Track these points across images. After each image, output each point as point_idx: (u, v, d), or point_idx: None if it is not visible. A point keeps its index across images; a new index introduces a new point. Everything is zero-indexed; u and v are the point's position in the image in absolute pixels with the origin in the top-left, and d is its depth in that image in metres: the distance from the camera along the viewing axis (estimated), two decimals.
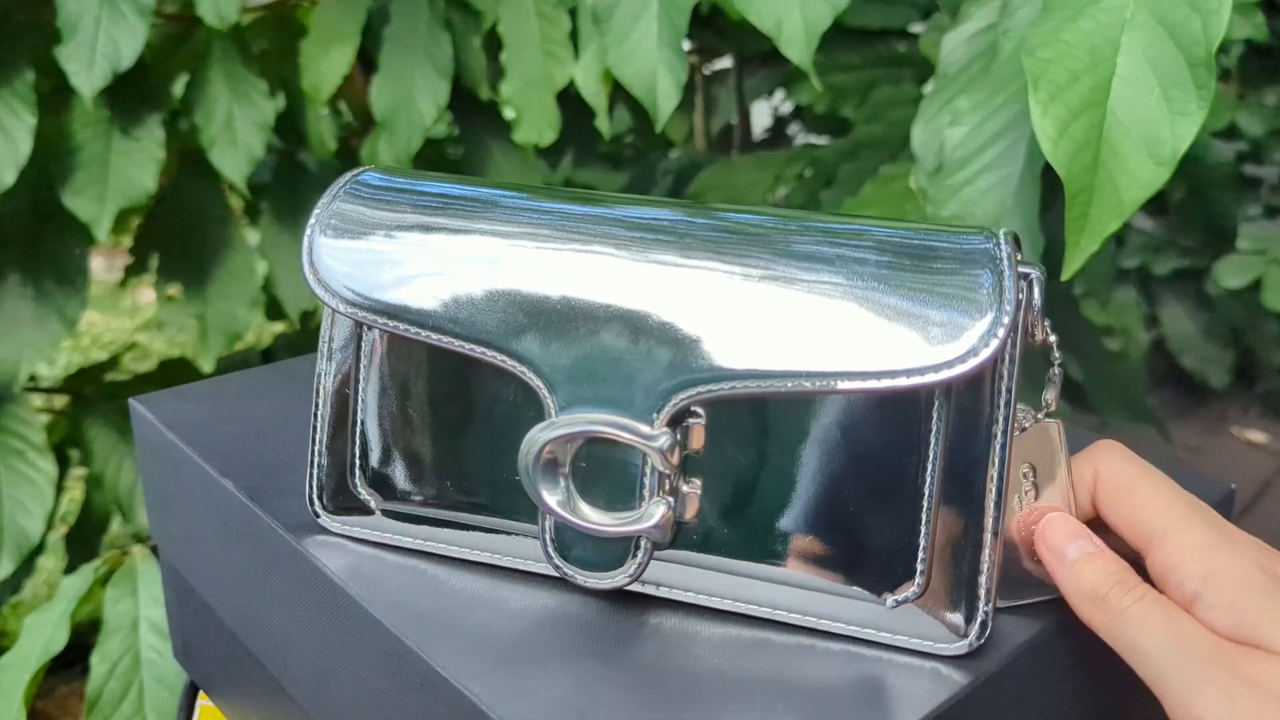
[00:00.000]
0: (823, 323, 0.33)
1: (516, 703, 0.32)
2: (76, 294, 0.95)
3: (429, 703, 0.34)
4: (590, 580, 0.35)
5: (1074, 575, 0.34)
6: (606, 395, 0.34)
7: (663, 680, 0.33)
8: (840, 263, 0.34)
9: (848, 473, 0.34)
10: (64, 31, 0.79)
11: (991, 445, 0.33)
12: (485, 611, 0.36)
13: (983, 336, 0.31)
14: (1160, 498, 0.34)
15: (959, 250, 0.33)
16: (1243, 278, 1.26)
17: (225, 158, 0.91)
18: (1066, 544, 0.35)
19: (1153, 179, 0.38)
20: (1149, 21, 0.38)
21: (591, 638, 0.35)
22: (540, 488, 0.35)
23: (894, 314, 0.32)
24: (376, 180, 0.40)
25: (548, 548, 0.36)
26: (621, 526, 0.34)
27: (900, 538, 0.33)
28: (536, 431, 0.34)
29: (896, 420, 0.33)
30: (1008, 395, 0.33)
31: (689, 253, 0.35)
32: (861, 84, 1.05)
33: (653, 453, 0.34)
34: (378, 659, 0.36)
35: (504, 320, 0.35)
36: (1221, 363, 1.38)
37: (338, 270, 0.37)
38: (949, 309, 0.32)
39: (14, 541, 0.88)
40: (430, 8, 0.86)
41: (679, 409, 0.34)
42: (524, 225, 0.37)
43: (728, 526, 0.35)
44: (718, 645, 0.34)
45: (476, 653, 0.34)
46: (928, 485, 0.33)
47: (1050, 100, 0.39)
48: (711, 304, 0.34)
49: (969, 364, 0.31)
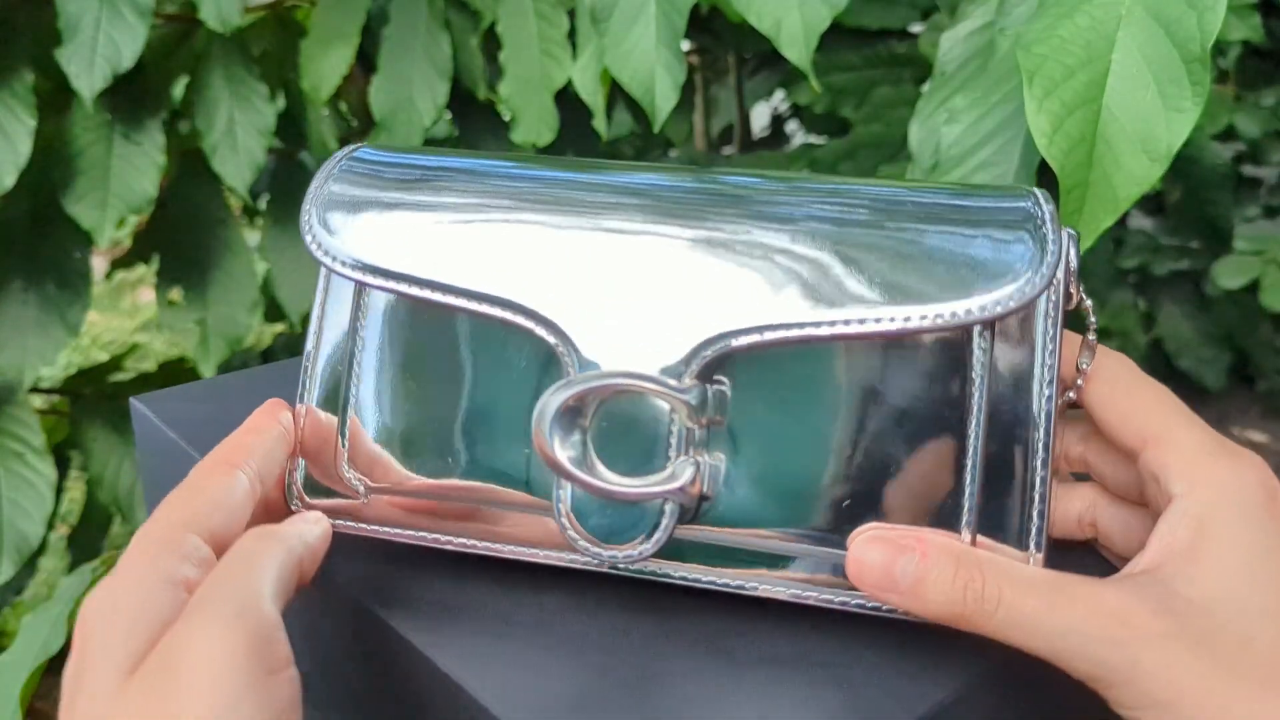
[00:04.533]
0: (857, 269, 0.32)
1: (516, 700, 0.32)
2: (78, 298, 0.95)
3: (427, 700, 0.34)
4: (609, 553, 0.33)
5: (919, 602, 0.31)
6: (630, 351, 0.33)
7: (664, 678, 0.33)
8: (882, 215, 0.33)
9: (885, 433, 0.33)
10: (64, 33, 0.80)
11: (1038, 402, 0.32)
12: (483, 606, 0.36)
13: (1028, 279, 0.31)
14: (1160, 404, 0.33)
15: (1000, 207, 0.33)
16: (1240, 278, 1.26)
17: (227, 164, 0.91)
18: (890, 572, 0.31)
19: (1147, 175, 0.38)
20: (1144, 17, 0.38)
21: (594, 632, 0.35)
22: (555, 449, 0.32)
23: (933, 260, 0.31)
24: (372, 156, 0.39)
25: (563, 519, 0.33)
26: (646, 488, 0.32)
27: (945, 496, 0.32)
28: (552, 391, 0.32)
29: (937, 373, 0.32)
30: (1052, 347, 0.32)
31: (710, 208, 0.34)
32: (861, 84, 1.05)
33: (682, 406, 0.32)
34: (376, 657, 0.37)
35: (519, 277, 0.34)
36: (1218, 363, 1.38)
37: (339, 236, 0.36)
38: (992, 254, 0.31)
39: (14, 545, 0.88)
40: (429, 8, 0.86)
41: (707, 363, 0.32)
42: (535, 186, 0.36)
43: (754, 501, 0.33)
44: (721, 642, 0.34)
45: (475, 649, 0.34)
46: (972, 441, 0.32)
47: (1045, 96, 0.39)
48: (736, 256, 0.33)
49: (1015, 301, 0.30)
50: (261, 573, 0.31)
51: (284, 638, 0.30)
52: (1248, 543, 0.30)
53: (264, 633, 0.29)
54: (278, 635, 0.30)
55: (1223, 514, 0.31)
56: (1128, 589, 0.30)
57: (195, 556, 0.32)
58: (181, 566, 0.31)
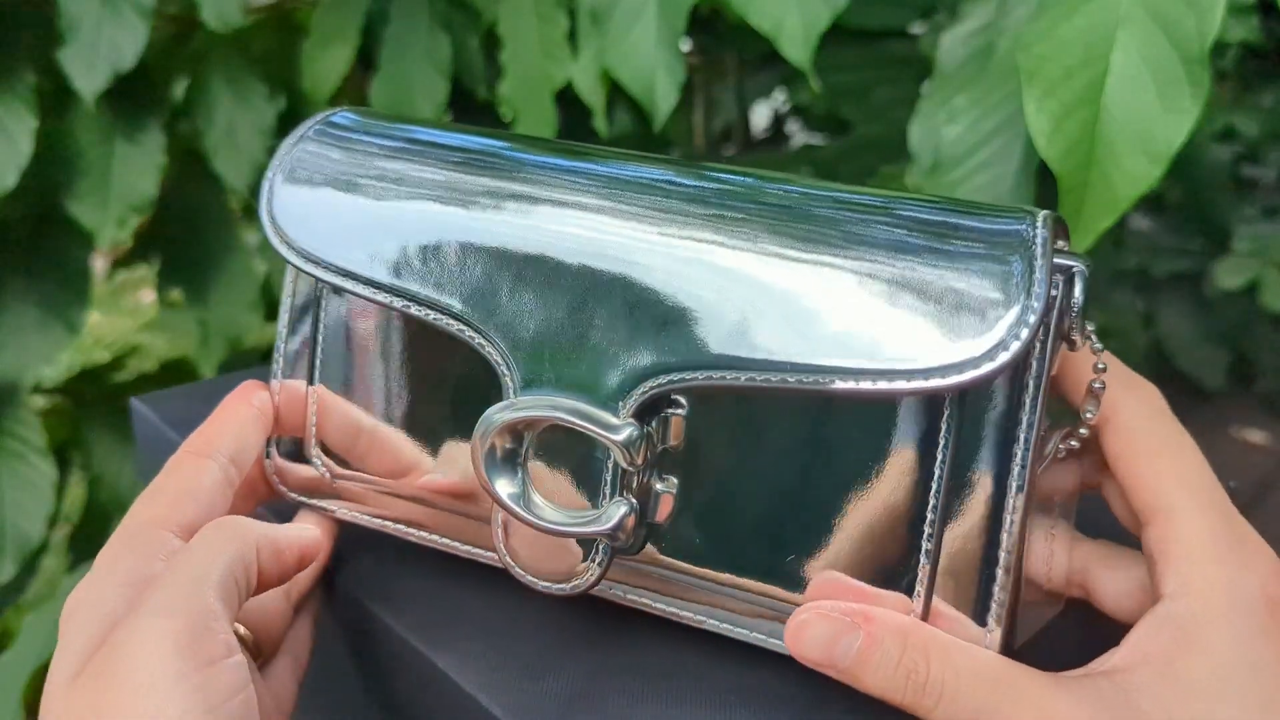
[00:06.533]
0: (819, 309, 0.29)
1: (515, 700, 0.32)
2: (79, 298, 0.95)
3: (426, 697, 0.34)
4: (540, 584, 0.32)
5: (858, 682, 0.29)
6: (571, 377, 0.31)
7: (664, 677, 0.33)
8: (847, 240, 0.29)
9: (842, 483, 0.30)
10: (65, 33, 0.80)
11: (1010, 464, 0.29)
12: (484, 606, 0.36)
13: (1004, 336, 0.27)
14: (1175, 474, 0.30)
15: (986, 231, 0.29)
16: (1240, 278, 1.26)
17: (228, 164, 0.91)
18: (830, 650, 0.29)
19: (1147, 175, 0.38)
20: (1143, 18, 0.38)
21: (591, 628, 0.35)
22: (492, 478, 0.31)
23: (902, 303, 0.28)
24: (347, 121, 0.37)
25: (499, 544, 0.32)
26: (576, 527, 0.31)
27: (900, 557, 0.30)
28: (493, 412, 0.31)
29: (899, 427, 0.30)
30: (1032, 407, 0.29)
31: (673, 220, 0.31)
32: (861, 84, 1.05)
33: (614, 447, 0.30)
34: (377, 657, 0.37)
35: (464, 286, 0.32)
36: (1217, 363, 1.38)
37: (297, 221, 0.35)
38: (967, 300, 0.27)
39: (15, 545, 0.88)
40: (429, 8, 0.86)
41: (652, 398, 0.30)
42: (497, 179, 0.33)
43: (705, 534, 0.31)
44: (723, 642, 0.34)
45: (475, 650, 0.34)
46: (931, 506, 0.29)
47: (1044, 96, 0.39)
48: (695, 279, 0.30)
49: (983, 369, 0.27)
50: (208, 562, 0.30)
51: (226, 627, 0.29)
52: (1232, 665, 0.27)
53: (202, 623, 0.29)
54: (217, 625, 0.29)
55: (1213, 628, 0.27)
56: (1084, 699, 0.27)
57: (165, 551, 0.32)
58: (148, 564, 0.31)
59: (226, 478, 0.35)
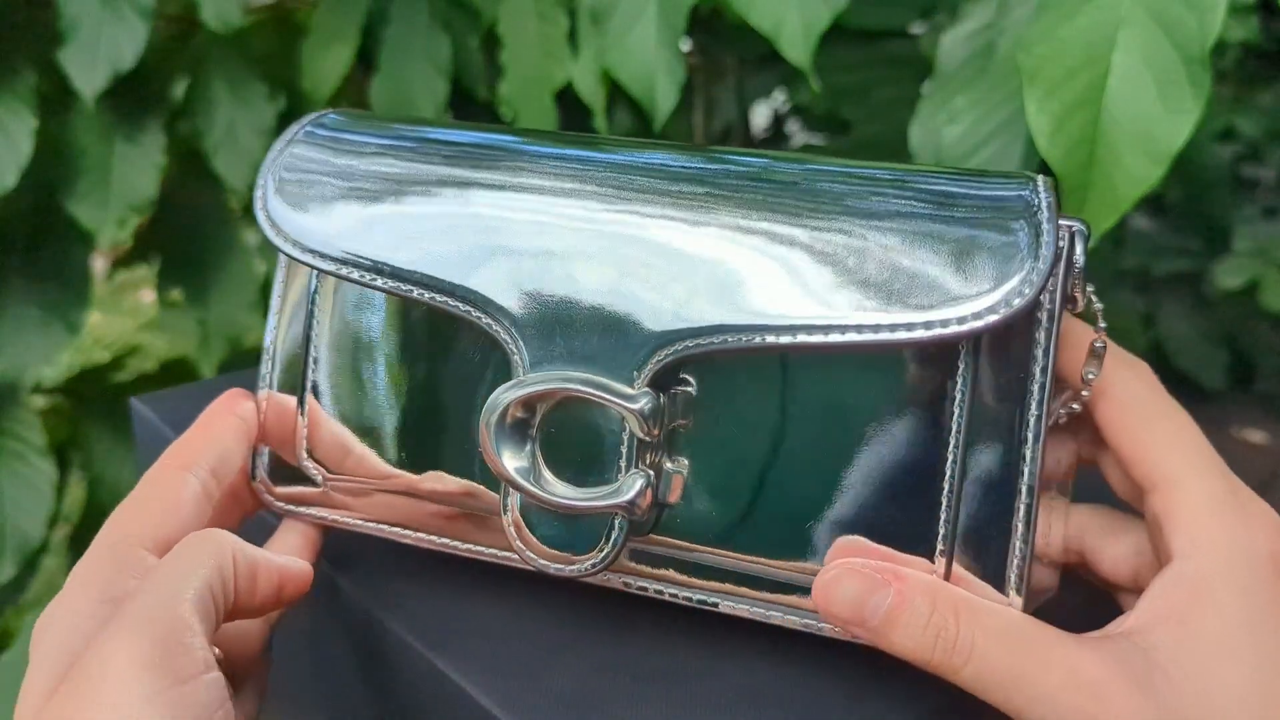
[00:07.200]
0: (830, 271, 0.29)
1: (518, 702, 0.32)
2: (80, 298, 0.95)
3: (425, 698, 0.34)
4: (553, 566, 0.32)
5: (885, 642, 0.30)
6: (581, 351, 0.31)
7: (665, 678, 0.33)
8: (852, 206, 0.30)
9: (859, 447, 0.30)
10: (65, 33, 0.80)
11: (1026, 415, 0.30)
12: (484, 607, 0.36)
13: (1015, 286, 0.28)
14: (1177, 442, 0.31)
15: (991, 196, 0.30)
16: (1240, 279, 1.26)
17: (228, 165, 0.91)
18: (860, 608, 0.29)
19: (1148, 176, 0.38)
20: (1144, 19, 0.38)
21: (592, 629, 0.35)
22: (502, 456, 0.31)
23: (913, 261, 0.29)
24: (336, 122, 0.37)
25: (510, 528, 0.32)
26: (593, 501, 0.31)
27: (920, 520, 0.30)
28: (501, 391, 0.31)
29: (913, 385, 0.30)
30: (1044, 361, 0.30)
31: (678, 195, 0.31)
32: (861, 84, 1.05)
33: (631, 416, 0.30)
34: (378, 659, 0.37)
35: (469, 266, 0.32)
36: (1217, 364, 1.38)
37: (293, 215, 0.34)
38: (980, 248, 0.28)
39: (15, 545, 0.88)
40: (429, 8, 0.86)
41: (664, 367, 0.30)
42: (495, 165, 0.33)
43: (719, 510, 0.31)
44: (727, 641, 0.34)
45: (476, 651, 0.34)
46: (949, 463, 0.30)
47: (1045, 97, 0.39)
48: (701, 250, 0.30)
49: (999, 314, 0.28)
50: (183, 577, 0.29)
51: (200, 643, 0.28)
52: (1245, 619, 0.28)
53: (174, 639, 0.28)
54: (191, 641, 0.28)
55: (1223, 584, 0.29)
56: (1109, 657, 0.28)
57: (139, 567, 0.31)
58: (122, 581, 0.30)
59: (205, 491, 0.34)
